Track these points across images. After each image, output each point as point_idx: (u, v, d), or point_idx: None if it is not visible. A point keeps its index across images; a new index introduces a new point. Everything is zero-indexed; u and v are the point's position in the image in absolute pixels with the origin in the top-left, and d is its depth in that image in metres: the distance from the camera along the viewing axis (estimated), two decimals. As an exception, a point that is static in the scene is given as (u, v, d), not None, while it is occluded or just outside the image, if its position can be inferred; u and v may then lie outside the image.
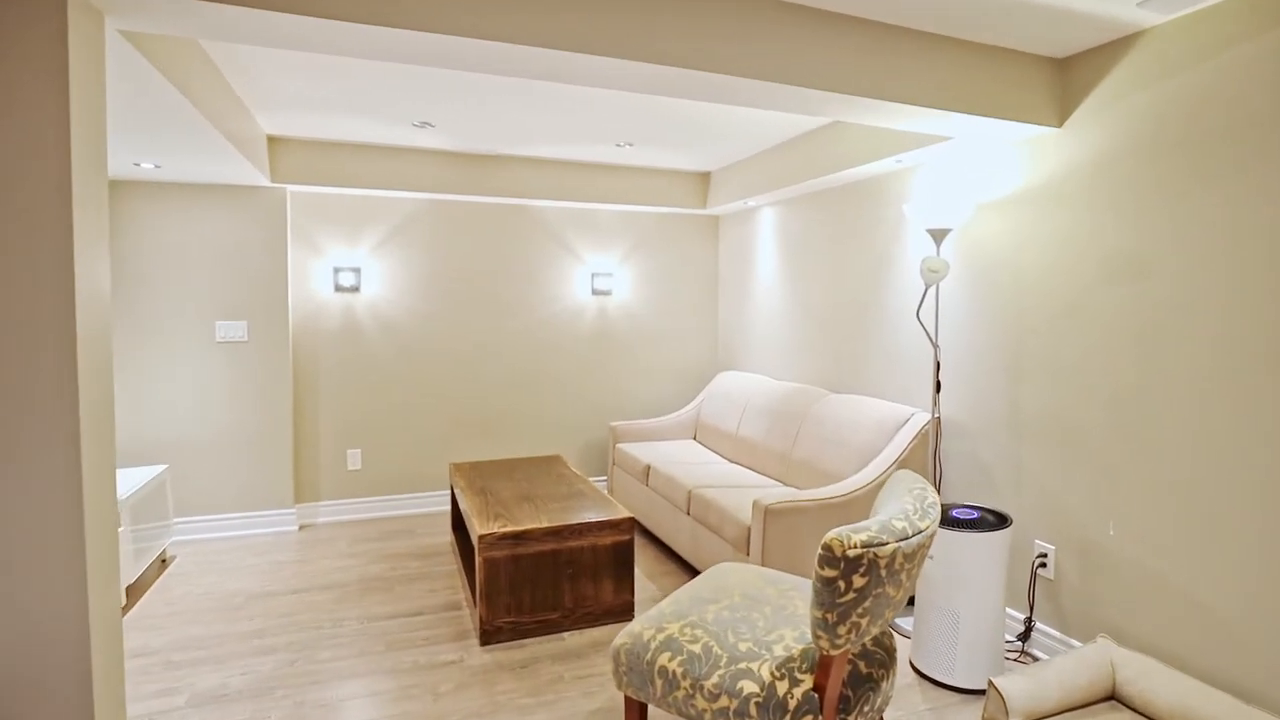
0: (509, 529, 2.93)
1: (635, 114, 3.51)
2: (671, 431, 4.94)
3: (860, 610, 1.57)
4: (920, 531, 1.65)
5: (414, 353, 4.60)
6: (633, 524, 3.12)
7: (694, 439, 4.98)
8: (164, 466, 3.74)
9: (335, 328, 4.43)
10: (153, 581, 3.50)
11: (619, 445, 4.73)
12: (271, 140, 3.97)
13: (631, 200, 4.79)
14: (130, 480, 3.42)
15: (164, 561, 3.78)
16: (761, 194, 4.27)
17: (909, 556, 1.62)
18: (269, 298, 4.14)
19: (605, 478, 5.19)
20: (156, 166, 3.52)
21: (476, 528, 2.95)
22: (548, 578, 3.00)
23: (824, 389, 4.08)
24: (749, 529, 3.05)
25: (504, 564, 2.92)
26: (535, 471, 3.90)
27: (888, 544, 1.56)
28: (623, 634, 1.95)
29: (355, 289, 4.42)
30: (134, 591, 3.37)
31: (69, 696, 1.64)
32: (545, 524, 2.99)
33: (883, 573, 1.57)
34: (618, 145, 4.13)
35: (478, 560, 2.89)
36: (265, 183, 3.97)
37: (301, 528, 4.34)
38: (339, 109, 3.42)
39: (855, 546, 1.53)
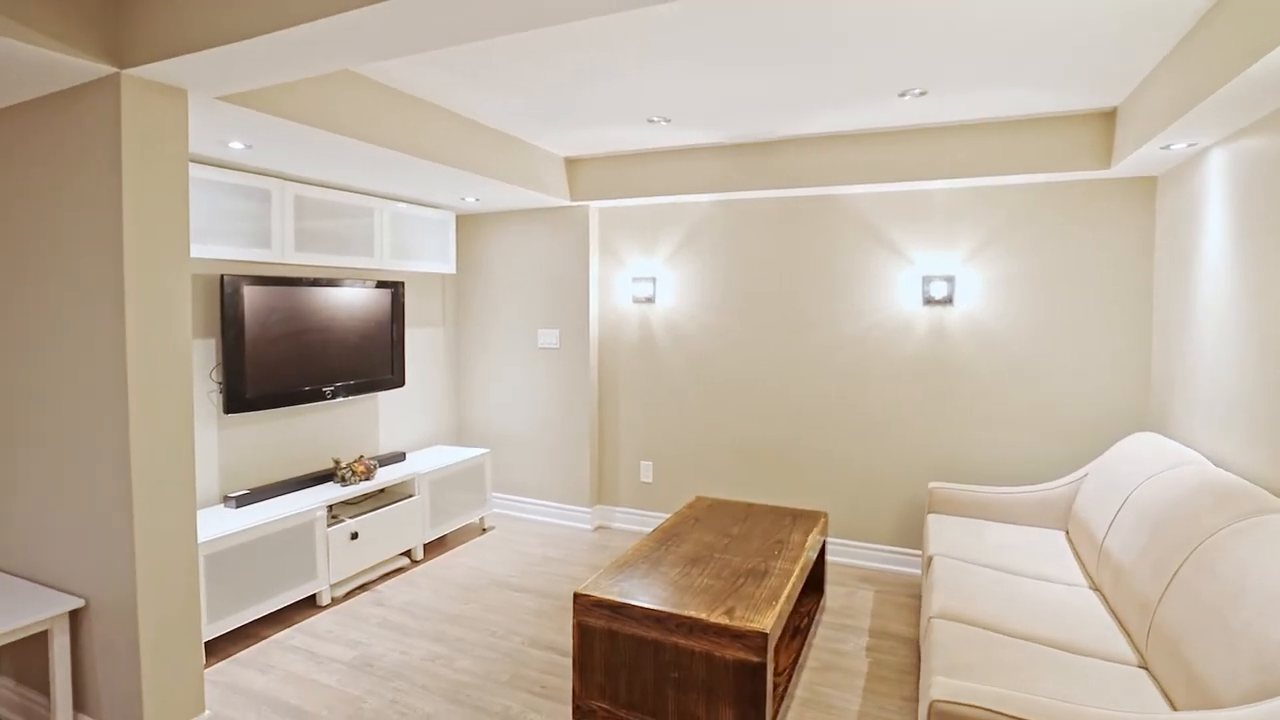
0: (608, 597, 2.40)
1: (927, 33, 2.40)
2: (1027, 513, 3.28)
3: None
4: None
5: (703, 370, 4.25)
6: (765, 642, 2.16)
7: (1065, 531, 3.18)
8: (485, 450, 4.43)
9: (633, 339, 4.46)
10: (461, 542, 4.19)
11: (933, 515, 3.39)
12: (569, 162, 4.23)
13: (976, 171, 3.33)
14: (443, 458, 4.17)
15: (484, 529, 4.49)
16: (1211, 122, 2.38)
17: None
18: (576, 309, 4.45)
19: (918, 553, 3.80)
20: (477, 200, 4.16)
21: (585, 583, 2.51)
22: (648, 674, 2.34)
23: (1275, 499, 2.05)
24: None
25: (600, 636, 2.41)
26: (762, 528, 3.12)
27: None
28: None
29: (650, 300, 4.35)
30: (435, 548, 4.10)
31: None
32: (644, 604, 2.34)
33: None
34: (901, 95, 2.90)
35: (573, 622, 2.46)
36: (567, 202, 4.26)
37: (597, 528, 4.54)
38: (587, 122, 3.38)
39: None
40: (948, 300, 3.61)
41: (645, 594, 2.42)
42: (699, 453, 4.30)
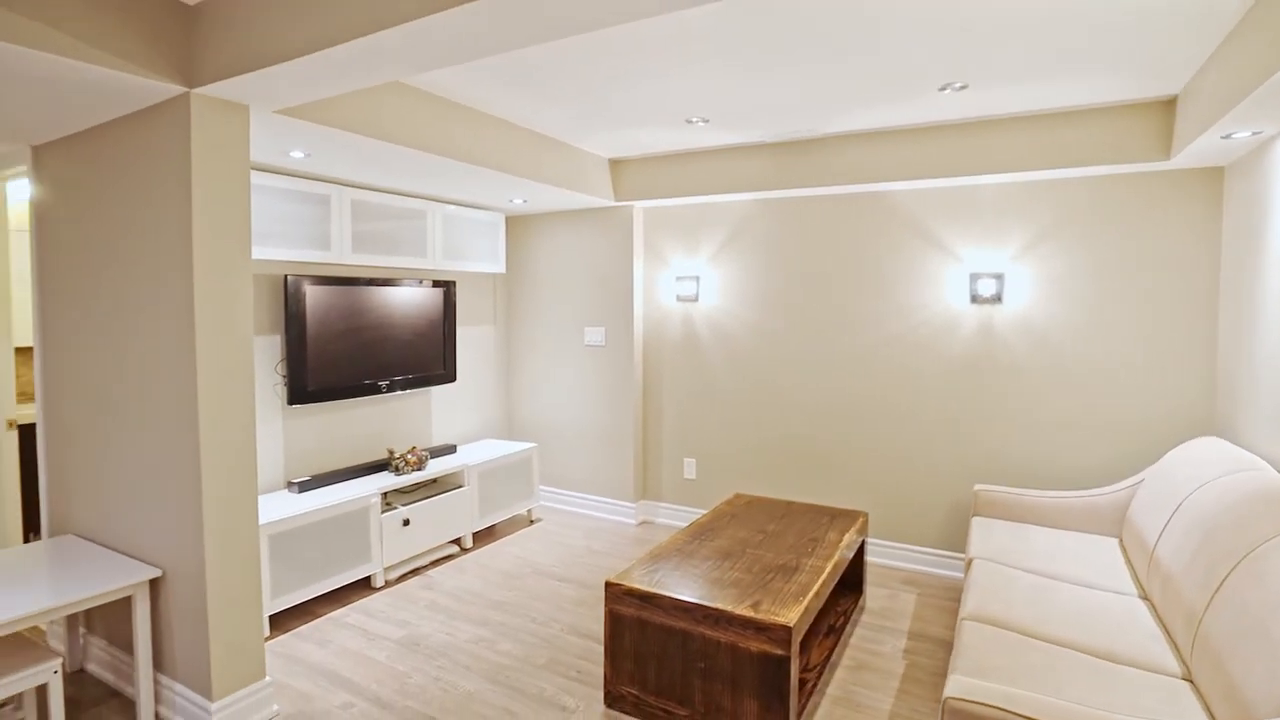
0: (638, 586, 2.47)
1: (964, 30, 2.38)
2: (1077, 518, 3.17)
3: None
4: None
5: (745, 368, 4.27)
6: (789, 635, 2.18)
7: (1119, 538, 3.06)
8: (533, 445, 4.56)
9: (677, 337, 4.51)
10: (509, 533, 4.34)
11: (978, 518, 3.31)
12: (613, 163, 4.31)
13: (1025, 165, 3.23)
14: (492, 451, 4.33)
15: (531, 521, 4.63)
16: (1275, 107, 2.26)
17: None
18: (621, 307, 4.53)
19: (963, 556, 3.71)
20: (524, 201, 4.29)
21: (616, 573, 2.59)
22: (676, 662, 2.40)
23: (1334, 508, 1.94)
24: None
25: (630, 625, 2.48)
26: (798, 526, 3.13)
27: None
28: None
29: (694, 299, 4.39)
30: (484, 537, 4.25)
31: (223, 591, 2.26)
32: (673, 594, 2.40)
33: None
34: (941, 89, 2.85)
35: (604, 610, 2.54)
36: (612, 202, 4.34)
37: (641, 523, 4.62)
38: (626, 124, 3.45)
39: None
40: (996, 298, 3.51)
41: (675, 585, 2.48)
42: (741, 451, 4.32)
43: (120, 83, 2.05)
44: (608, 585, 2.52)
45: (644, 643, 2.46)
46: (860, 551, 3.35)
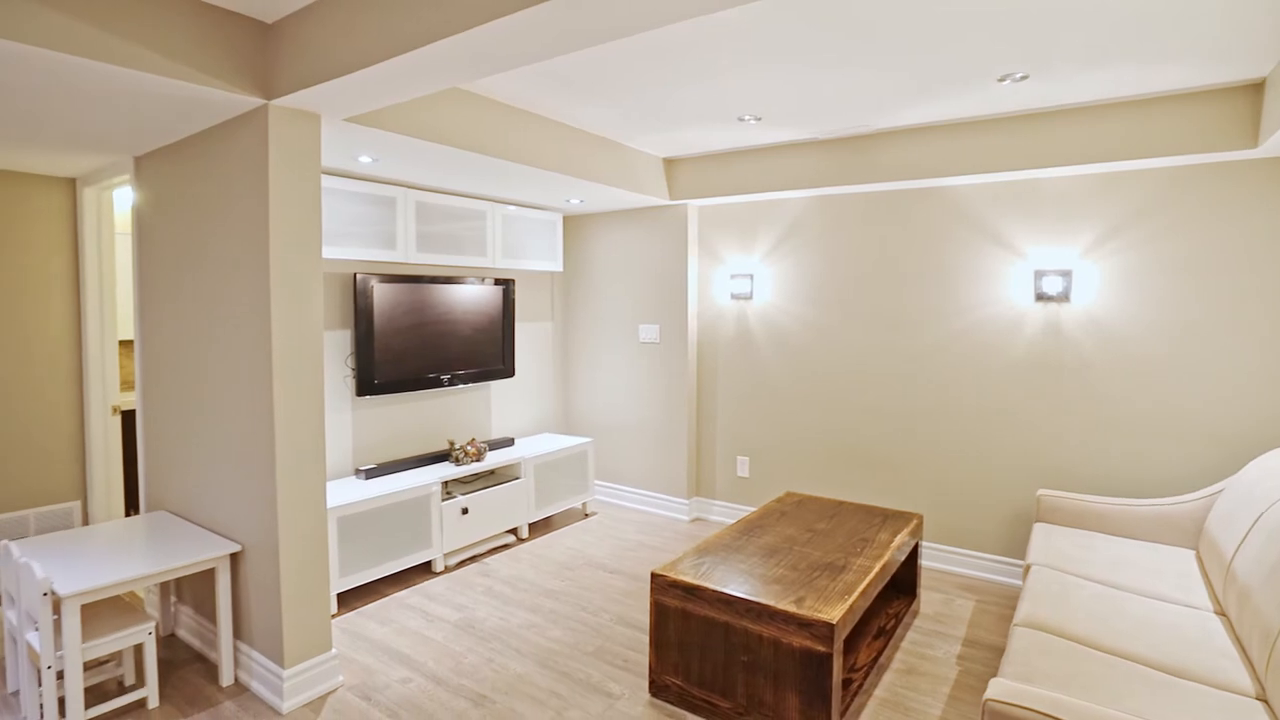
0: (683, 578, 2.51)
1: (1028, 17, 2.33)
2: (1148, 527, 3.02)
3: None
4: None
5: (800, 367, 4.23)
6: (831, 632, 2.18)
7: (1195, 550, 2.90)
8: (588, 439, 4.66)
9: (731, 335, 4.51)
10: (564, 525, 4.45)
11: (1040, 525, 3.20)
12: (667, 162, 4.35)
13: (1092, 157, 3.09)
14: (548, 445, 4.44)
15: (585, 514, 4.73)
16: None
17: None
18: (675, 305, 4.57)
19: (1020, 563, 3.57)
20: (581, 201, 4.38)
21: (661, 565, 2.63)
22: (719, 655, 2.43)
23: None
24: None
25: (674, 616, 2.52)
26: (848, 526, 3.10)
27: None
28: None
29: (748, 297, 4.38)
30: (539, 528, 4.37)
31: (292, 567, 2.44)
32: (715, 586, 2.42)
33: None
34: (1000, 80, 2.76)
35: (649, 600, 2.59)
36: (666, 201, 4.38)
37: (693, 520, 4.65)
38: (678, 123, 3.49)
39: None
40: (1064, 296, 3.37)
41: (719, 578, 2.50)
42: (795, 449, 4.29)
43: (209, 97, 2.23)
44: (653, 576, 2.57)
45: (688, 634, 2.50)
46: (914, 554, 3.28)
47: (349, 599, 3.36)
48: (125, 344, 4.52)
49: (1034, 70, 2.66)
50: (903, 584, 3.35)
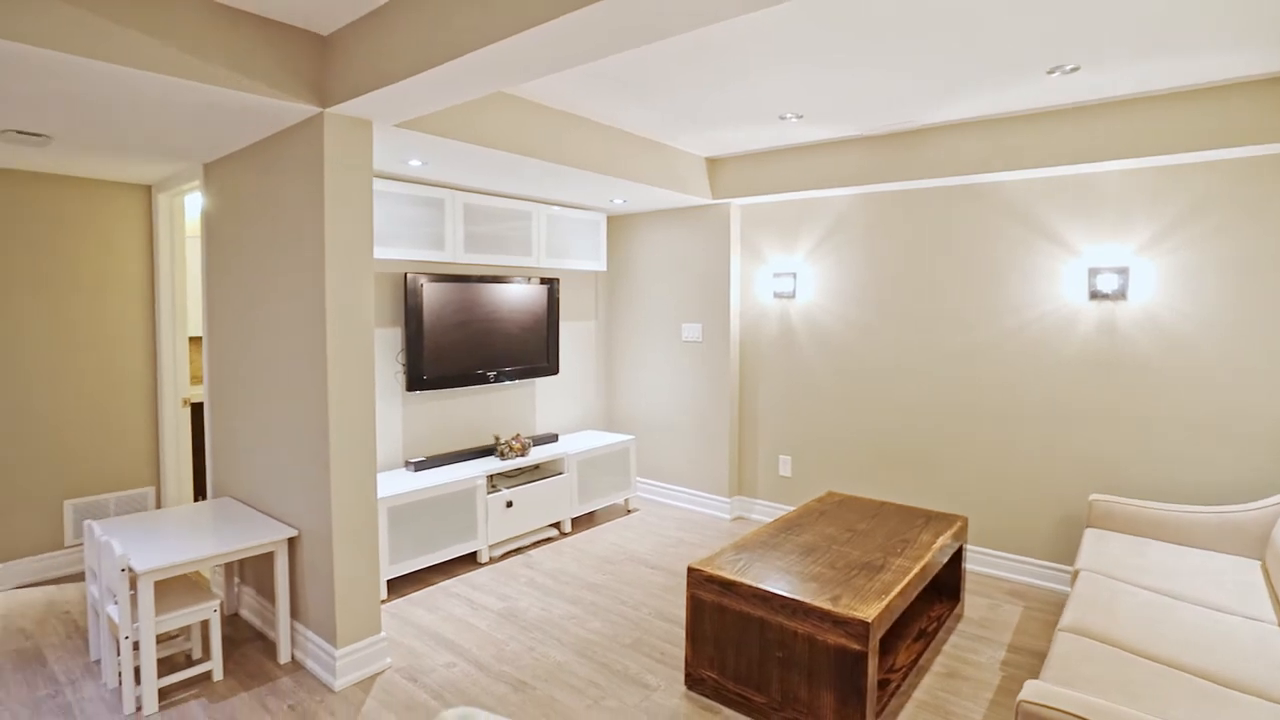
0: (719, 573, 2.53)
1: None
2: (1208, 535, 2.89)
3: None
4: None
5: (843, 366, 4.20)
6: (867, 631, 2.17)
7: (1261, 560, 2.77)
8: (631, 436, 4.72)
9: (773, 333, 4.50)
10: (606, 520, 4.52)
11: (1091, 530, 3.10)
12: (709, 162, 4.36)
13: (1149, 149, 2.98)
14: (591, 441, 4.52)
15: (627, 510, 4.79)
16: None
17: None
18: (718, 304, 4.58)
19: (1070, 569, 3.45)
20: (625, 202, 4.44)
21: (699, 560, 2.66)
22: (754, 649, 2.45)
23: None
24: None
25: (710, 610, 2.55)
26: (889, 526, 3.07)
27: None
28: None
29: (791, 295, 4.37)
30: (582, 523, 4.45)
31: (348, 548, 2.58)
32: (751, 582, 2.44)
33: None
34: (1049, 72, 2.69)
35: (686, 594, 2.63)
36: (709, 200, 4.40)
37: (735, 519, 4.65)
38: (719, 122, 3.51)
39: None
40: (1120, 294, 3.26)
41: (755, 574, 2.52)
42: (838, 449, 4.25)
43: (271, 106, 2.37)
44: (690, 570, 2.61)
45: (723, 629, 2.53)
46: (957, 557, 3.23)
47: (398, 586, 3.50)
48: (194, 340, 4.80)
49: (1085, 61, 2.59)
50: (946, 587, 3.29)
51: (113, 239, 3.80)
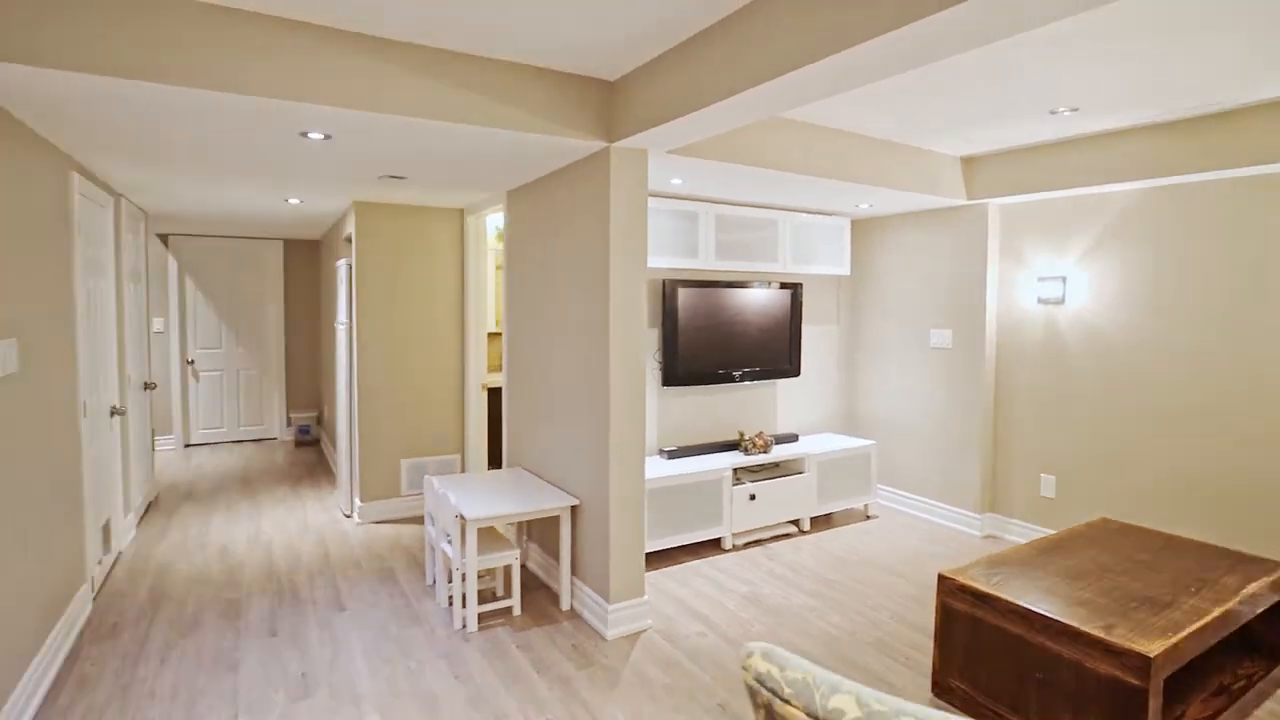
0: (973, 584, 2.50)
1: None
2: None
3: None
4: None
5: (1123, 381, 3.74)
6: (1148, 667, 2.01)
7: None
8: (872, 442, 4.68)
9: (1036, 342, 4.15)
10: (844, 524, 4.54)
11: None
12: (965, 161, 4.14)
13: None
14: (831, 444, 4.57)
15: (866, 516, 4.75)
16: None
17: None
18: (971, 309, 4.35)
19: None
20: (870, 206, 4.40)
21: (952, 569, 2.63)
22: (1009, 668, 2.38)
23: None
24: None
25: (963, 620, 2.53)
26: (1180, 563, 2.74)
27: None
28: None
29: (1059, 301, 3.99)
30: (820, 523, 4.52)
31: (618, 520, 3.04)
32: (1009, 598, 2.37)
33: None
34: None
35: (936, 600, 2.62)
36: (963, 201, 4.19)
37: (986, 537, 4.39)
38: (980, 121, 3.38)
39: None
40: None
41: (1014, 590, 2.44)
42: (1114, 473, 3.81)
43: (570, 145, 2.86)
44: (941, 578, 2.60)
45: (976, 642, 2.48)
46: (1278, 610, 2.75)
47: (653, 560, 3.91)
48: (492, 336, 5.76)
49: None
50: (1264, 645, 2.82)
51: (435, 252, 4.75)
